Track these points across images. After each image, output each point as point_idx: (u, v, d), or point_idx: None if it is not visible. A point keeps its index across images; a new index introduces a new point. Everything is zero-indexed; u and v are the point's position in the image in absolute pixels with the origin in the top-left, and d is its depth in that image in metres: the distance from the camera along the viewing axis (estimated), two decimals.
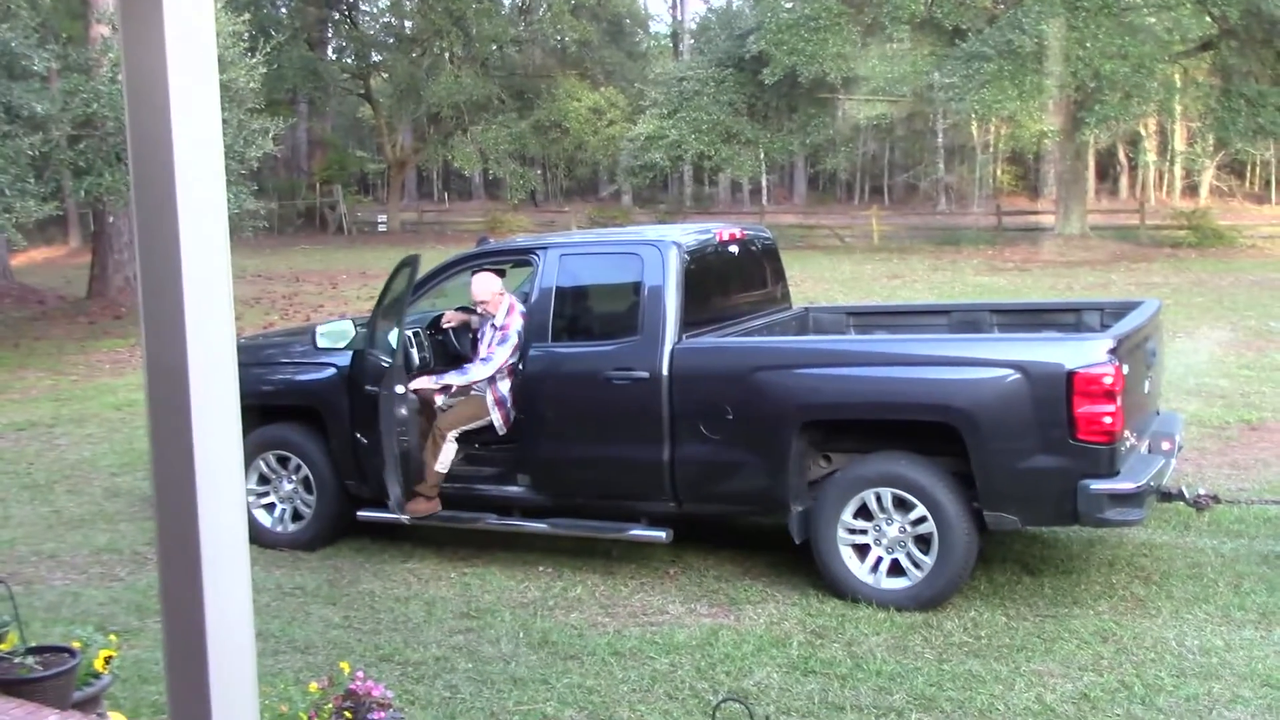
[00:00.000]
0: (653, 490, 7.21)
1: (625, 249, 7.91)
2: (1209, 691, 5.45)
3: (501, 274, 8.79)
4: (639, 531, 7.31)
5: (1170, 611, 6.48)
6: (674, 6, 58.36)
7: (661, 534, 7.21)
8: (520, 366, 7.54)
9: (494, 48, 45.21)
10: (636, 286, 7.42)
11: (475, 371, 7.76)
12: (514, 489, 7.62)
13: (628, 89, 45.83)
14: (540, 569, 7.56)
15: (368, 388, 7.57)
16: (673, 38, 57.45)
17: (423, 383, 7.77)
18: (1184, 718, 5.21)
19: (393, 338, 7.49)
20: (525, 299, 8.13)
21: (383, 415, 7.41)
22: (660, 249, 7.40)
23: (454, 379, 7.83)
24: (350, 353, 7.87)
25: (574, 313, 7.92)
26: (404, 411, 7.39)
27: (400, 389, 7.40)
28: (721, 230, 8.26)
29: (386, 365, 7.46)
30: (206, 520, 1.79)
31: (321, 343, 7.90)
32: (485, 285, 7.90)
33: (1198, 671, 5.67)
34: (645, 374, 7.12)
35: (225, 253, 1.82)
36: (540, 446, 7.52)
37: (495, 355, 7.71)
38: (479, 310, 8.05)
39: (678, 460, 7.08)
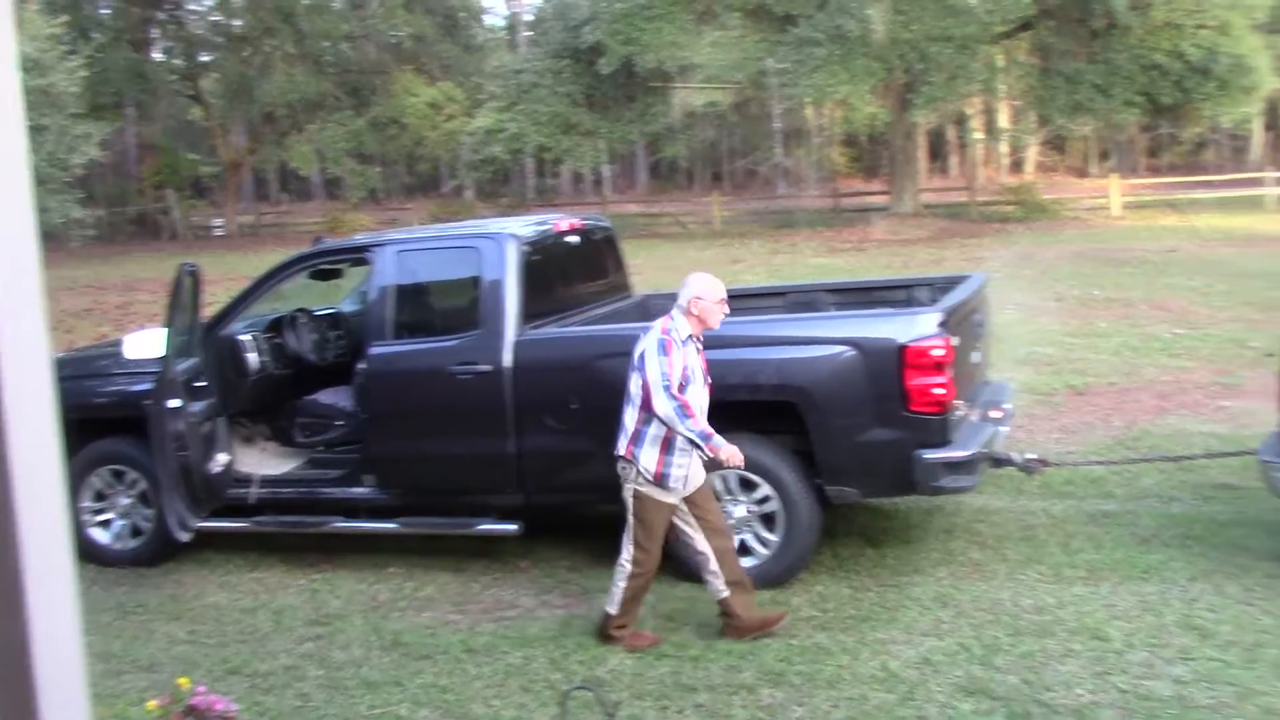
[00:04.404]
0: (501, 484, 7.20)
1: (463, 243, 7.87)
2: (1043, 648, 5.68)
3: (338, 274, 8.68)
4: (489, 526, 7.29)
5: (1005, 573, 6.72)
6: None
7: (512, 527, 7.21)
8: None
9: (327, 44, 44.32)
10: (476, 280, 7.40)
11: None
12: (360, 490, 7.53)
13: (465, 83, 45.39)
14: (390, 570, 7.49)
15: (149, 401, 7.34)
16: (509, 30, 57.13)
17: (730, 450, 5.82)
18: (1020, 674, 5.41)
19: (175, 348, 7.30)
20: (364, 297, 8.03)
21: (154, 431, 7.23)
22: (498, 242, 7.39)
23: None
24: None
25: (415, 309, 7.86)
26: (180, 426, 7.21)
27: (175, 403, 7.20)
28: (560, 221, 8.27)
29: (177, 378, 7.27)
30: (28, 540, 1.73)
31: (129, 353, 7.63)
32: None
33: (1032, 629, 5.90)
34: (488, 367, 7.10)
35: (35, 262, 1.76)
36: (386, 446, 7.45)
37: None
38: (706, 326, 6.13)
39: (525, 452, 7.08)
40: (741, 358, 6.83)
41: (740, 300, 9.17)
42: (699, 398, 5.98)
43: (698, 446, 5.82)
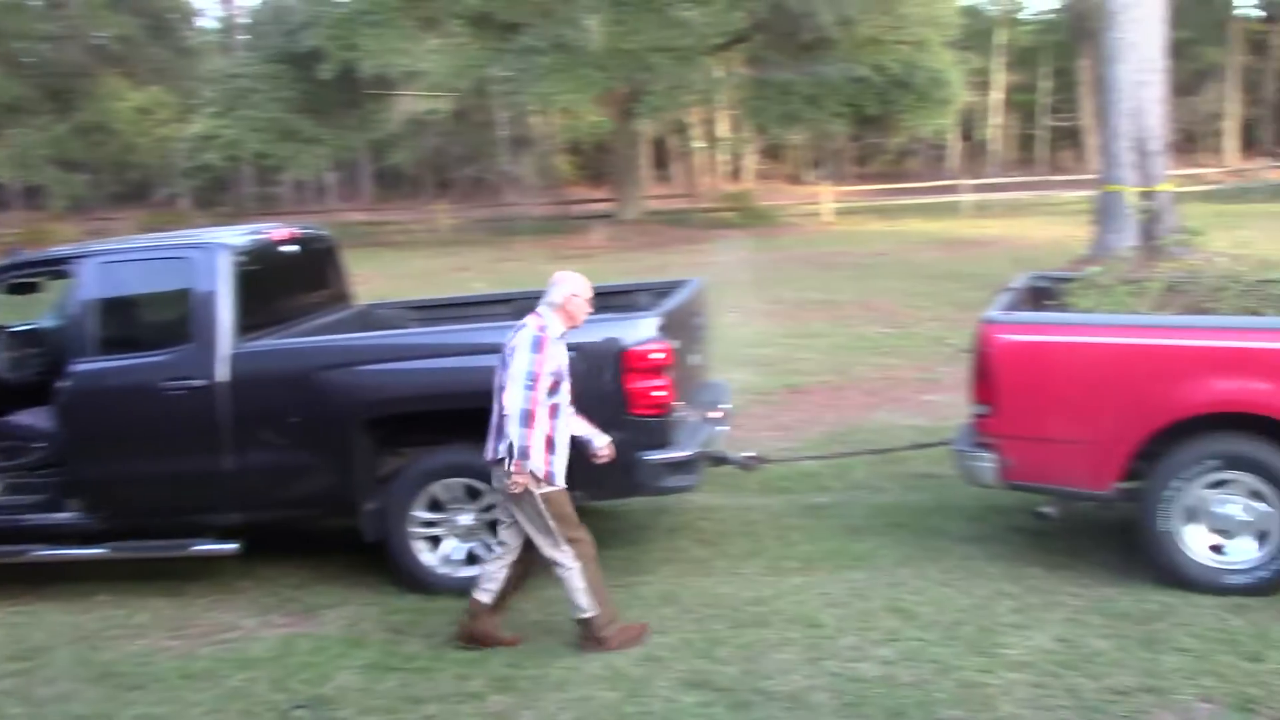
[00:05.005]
0: (218, 502, 6.96)
1: (172, 254, 7.56)
2: (762, 638, 5.89)
3: (36, 288, 8.20)
4: (207, 547, 7.02)
5: (727, 568, 6.94)
6: (222, 1, 56.07)
7: (231, 546, 6.98)
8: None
9: (24, 45, 41.77)
10: (187, 292, 7.12)
11: None
12: (64, 515, 7.12)
13: (177, 87, 43.62)
14: (99, 598, 7.11)
15: None
16: (223, 33, 55.16)
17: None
18: (740, 665, 5.60)
19: None
20: (65, 312, 7.63)
21: None
22: (209, 252, 7.15)
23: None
24: None
25: (121, 323, 7.49)
26: None
27: None
28: (275, 230, 8.05)
29: None
30: None
31: None
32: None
33: (751, 621, 6.11)
34: (202, 382, 6.85)
35: None
36: (91, 467, 7.07)
37: None
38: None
39: (242, 469, 6.86)
40: (464, 365, 6.81)
41: (465, 309, 9.20)
42: (567, 394, 5.96)
43: (509, 455, 5.70)
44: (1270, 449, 6.00)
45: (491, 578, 6.02)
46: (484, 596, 6.03)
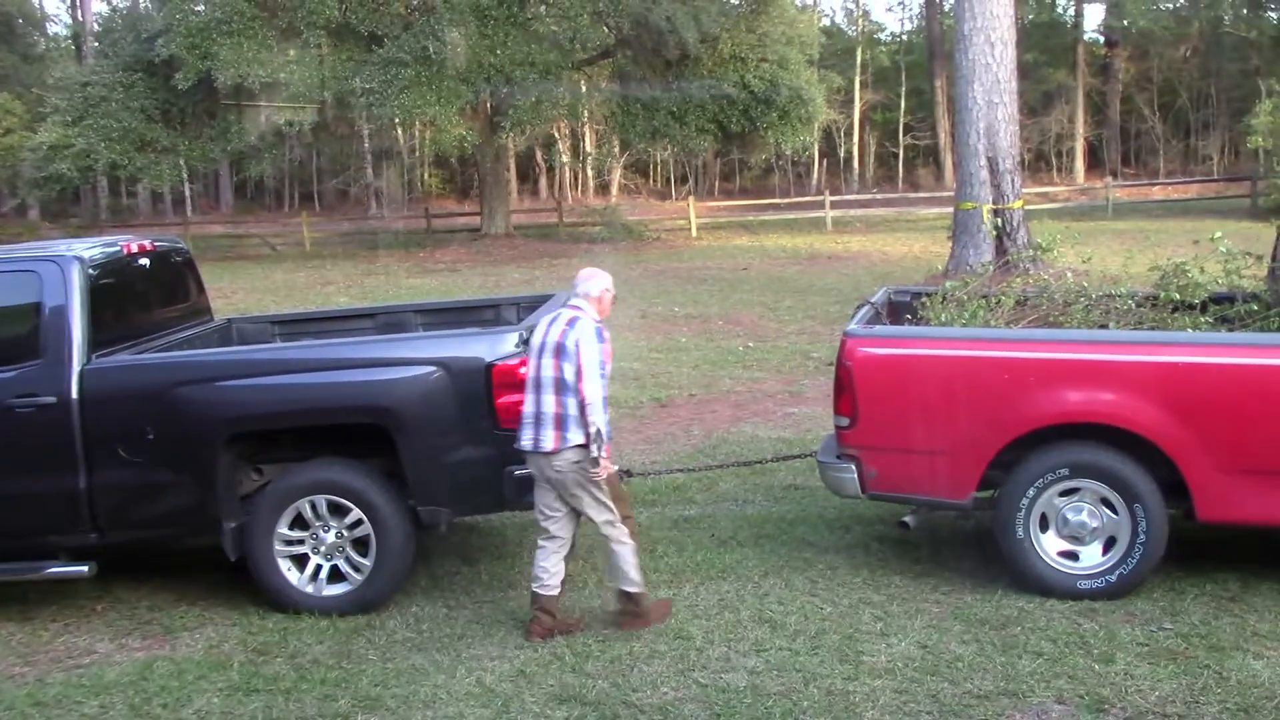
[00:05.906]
0: (70, 523, 6.72)
1: (21, 266, 7.27)
2: (630, 651, 5.90)
3: None
4: (58, 569, 6.78)
5: (595, 582, 6.94)
6: (73, 7, 54.43)
7: (84, 568, 6.75)
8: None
9: None
10: (36, 306, 6.89)
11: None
12: None
13: (25, 94, 42.16)
14: None
15: None
16: (74, 39, 53.52)
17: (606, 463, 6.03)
18: (610, 678, 5.61)
19: None
20: None
21: None
22: (61, 265, 6.92)
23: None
24: None
25: None
26: None
27: None
28: (129, 243, 7.83)
29: None
30: None
31: None
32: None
33: (620, 634, 6.12)
34: (52, 399, 6.63)
35: None
36: None
37: None
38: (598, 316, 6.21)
39: (96, 488, 6.65)
40: (329, 380, 6.72)
41: (328, 323, 9.09)
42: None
43: (599, 438, 5.92)
44: (1118, 458, 6.23)
45: (552, 572, 6.18)
46: (551, 590, 6.18)
